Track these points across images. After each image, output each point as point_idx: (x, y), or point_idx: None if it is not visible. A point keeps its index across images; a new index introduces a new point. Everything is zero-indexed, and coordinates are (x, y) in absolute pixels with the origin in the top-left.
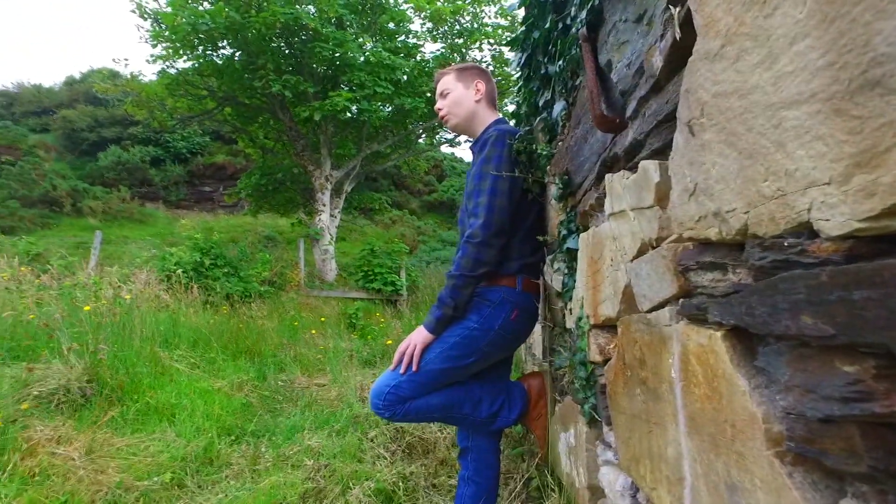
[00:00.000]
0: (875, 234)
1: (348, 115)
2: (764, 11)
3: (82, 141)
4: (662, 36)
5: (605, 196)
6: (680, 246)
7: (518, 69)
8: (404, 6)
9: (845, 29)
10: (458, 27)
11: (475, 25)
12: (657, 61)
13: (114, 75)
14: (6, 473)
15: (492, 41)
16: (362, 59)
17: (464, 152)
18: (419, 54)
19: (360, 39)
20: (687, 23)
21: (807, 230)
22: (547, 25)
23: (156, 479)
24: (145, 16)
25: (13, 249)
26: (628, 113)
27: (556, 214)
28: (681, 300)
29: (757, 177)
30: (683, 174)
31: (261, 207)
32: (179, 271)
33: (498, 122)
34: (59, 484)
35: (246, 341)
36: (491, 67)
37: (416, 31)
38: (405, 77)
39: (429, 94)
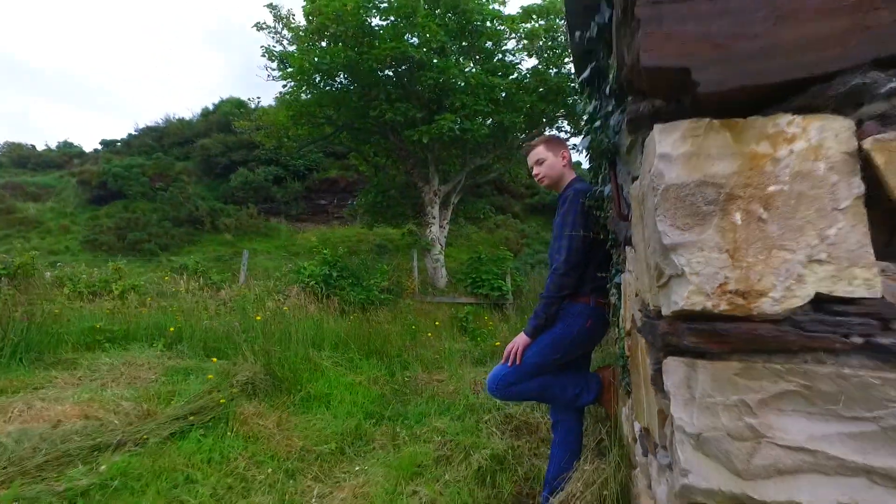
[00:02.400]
0: (658, 312)
1: (455, 133)
2: (637, 211)
3: (216, 165)
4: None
5: (626, 257)
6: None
7: (583, 150)
8: (500, 27)
9: (643, 228)
10: (551, 42)
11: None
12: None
13: (241, 104)
14: (232, 434)
15: None
16: (462, 83)
17: None
18: (516, 72)
19: (461, 61)
20: None
21: (651, 305)
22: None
23: (324, 446)
24: (273, 58)
25: (170, 264)
26: (629, 216)
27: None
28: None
29: (643, 279)
30: (634, 266)
31: (376, 221)
32: (312, 283)
33: (574, 181)
34: (264, 444)
35: (375, 343)
36: None
37: (513, 48)
38: (503, 94)
39: (526, 109)
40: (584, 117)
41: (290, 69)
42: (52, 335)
